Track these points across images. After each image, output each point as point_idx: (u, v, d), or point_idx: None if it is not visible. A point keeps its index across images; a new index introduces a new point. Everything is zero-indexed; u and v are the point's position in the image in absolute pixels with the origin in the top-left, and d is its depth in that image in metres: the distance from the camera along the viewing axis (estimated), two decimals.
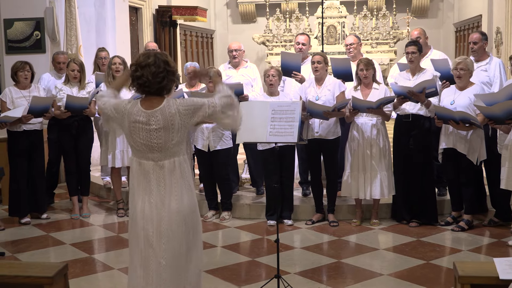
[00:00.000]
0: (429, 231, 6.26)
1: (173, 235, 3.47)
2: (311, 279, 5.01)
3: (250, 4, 16.51)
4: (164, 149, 3.48)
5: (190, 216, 3.55)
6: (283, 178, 6.46)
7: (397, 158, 6.54)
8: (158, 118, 3.42)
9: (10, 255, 5.78)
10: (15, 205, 6.85)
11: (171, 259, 3.47)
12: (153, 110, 3.44)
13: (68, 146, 7.06)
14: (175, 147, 3.50)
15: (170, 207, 3.48)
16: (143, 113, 3.45)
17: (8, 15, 8.92)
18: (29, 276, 2.41)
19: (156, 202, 3.48)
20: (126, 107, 3.51)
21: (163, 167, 3.49)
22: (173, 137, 3.46)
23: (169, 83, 3.52)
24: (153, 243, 3.47)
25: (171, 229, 3.47)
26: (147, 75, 3.44)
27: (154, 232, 3.47)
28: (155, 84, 3.46)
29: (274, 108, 5.12)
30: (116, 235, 6.46)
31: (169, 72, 3.49)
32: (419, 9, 15.83)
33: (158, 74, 3.45)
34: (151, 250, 3.47)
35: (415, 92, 6.06)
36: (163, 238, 3.46)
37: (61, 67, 7.54)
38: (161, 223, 3.47)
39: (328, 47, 13.69)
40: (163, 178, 3.49)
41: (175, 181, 3.51)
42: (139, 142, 3.48)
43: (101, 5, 9.69)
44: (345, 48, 7.59)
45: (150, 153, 3.49)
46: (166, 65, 3.48)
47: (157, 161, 3.49)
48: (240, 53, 7.53)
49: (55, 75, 7.58)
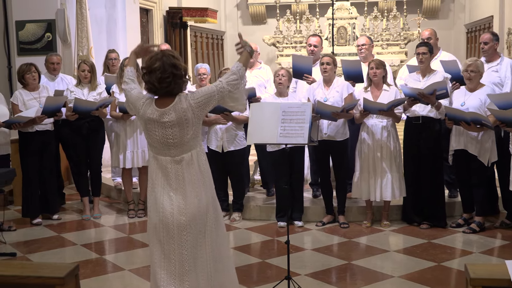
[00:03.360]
0: (440, 233, 6.23)
1: (194, 228, 3.52)
2: (321, 281, 5.00)
3: (260, 5, 16.52)
4: (180, 145, 3.54)
5: (211, 206, 3.62)
6: (293, 180, 6.45)
7: (407, 160, 6.51)
8: (172, 116, 3.48)
9: (21, 256, 5.81)
10: (27, 206, 6.88)
11: (193, 251, 3.51)
12: (166, 108, 3.49)
13: (80, 147, 7.08)
14: (191, 141, 3.56)
15: (190, 199, 3.53)
16: (157, 112, 3.51)
17: (20, 17, 8.97)
18: (41, 277, 2.42)
19: (176, 195, 3.54)
20: (142, 106, 3.57)
21: (181, 161, 3.55)
22: (188, 131, 3.52)
23: (177, 87, 3.54)
24: (174, 235, 3.52)
25: (192, 221, 3.52)
26: (153, 81, 3.48)
27: (175, 225, 3.52)
28: (162, 89, 3.50)
29: (284, 109, 5.11)
30: (127, 236, 6.48)
31: (176, 75, 3.50)
32: (430, 10, 15.77)
33: (165, 80, 3.47)
34: (173, 243, 3.51)
35: (425, 94, 6.03)
36: (184, 230, 3.51)
37: (54, 68, 7.53)
38: (181, 216, 3.52)
39: (338, 48, 13.68)
40: (182, 172, 3.55)
41: (194, 173, 3.57)
42: (156, 139, 3.55)
43: (112, 6, 9.73)
44: (356, 49, 7.58)
45: (167, 149, 3.55)
46: (173, 69, 3.49)
47: (174, 157, 3.55)
48: (255, 54, 7.52)
49: (48, 77, 7.57)
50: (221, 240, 3.71)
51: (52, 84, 7.45)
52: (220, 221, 3.73)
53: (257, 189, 7.71)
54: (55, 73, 7.56)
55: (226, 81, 3.61)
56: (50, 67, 7.53)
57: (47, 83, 7.44)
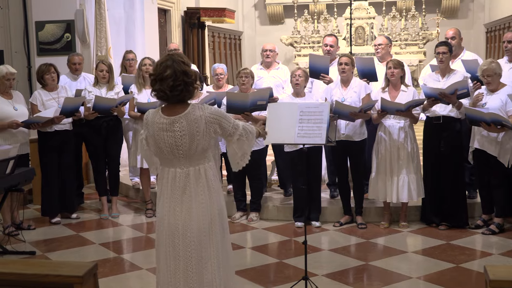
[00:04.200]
0: (459, 234, 6.19)
1: (200, 243, 3.46)
2: (339, 281, 4.99)
3: (278, 5, 16.52)
4: (189, 156, 3.45)
5: (217, 223, 3.53)
6: (310, 180, 6.44)
7: (427, 160, 6.47)
8: (183, 124, 3.39)
9: (41, 254, 5.86)
10: (46, 205, 6.94)
11: (198, 267, 3.45)
12: (177, 116, 3.40)
13: (98, 147, 7.13)
14: (201, 154, 3.47)
15: (197, 215, 3.46)
16: (166, 120, 3.41)
17: (40, 17, 9.05)
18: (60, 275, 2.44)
19: (182, 210, 3.46)
20: (147, 117, 3.51)
21: (189, 175, 3.47)
22: (198, 143, 3.42)
23: (188, 94, 3.44)
24: (179, 251, 3.46)
25: (198, 237, 3.45)
26: (164, 89, 3.37)
27: (181, 241, 3.46)
28: (174, 97, 3.40)
29: (302, 109, 5.10)
30: (144, 235, 6.51)
31: (187, 83, 3.40)
32: (449, 10, 15.66)
33: (176, 88, 3.37)
34: (178, 259, 3.46)
35: (447, 94, 5.99)
36: (189, 247, 3.45)
37: (76, 68, 7.57)
38: (187, 232, 3.45)
39: (356, 48, 13.64)
40: (189, 186, 3.47)
41: (201, 188, 3.48)
42: (165, 149, 3.46)
43: (130, 7, 9.78)
44: (373, 49, 7.55)
45: (176, 160, 3.47)
46: (185, 76, 3.38)
47: (183, 169, 3.47)
48: (273, 54, 7.53)
49: (71, 77, 7.63)
50: (227, 255, 3.63)
51: (75, 83, 7.50)
52: (227, 236, 3.63)
53: (274, 189, 7.70)
54: (78, 73, 7.61)
55: (243, 124, 3.56)
56: (72, 67, 7.58)
57: (69, 83, 7.50)
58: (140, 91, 7.00)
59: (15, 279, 2.47)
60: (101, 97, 6.85)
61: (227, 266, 3.60)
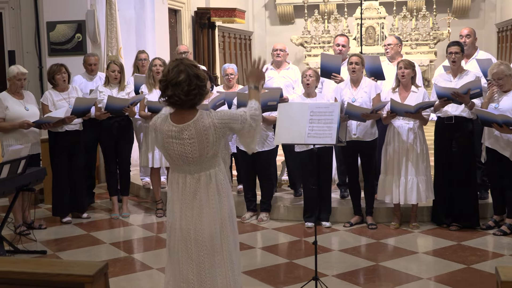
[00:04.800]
0: (470, 235, 6.16)
1: (212, 247, 3.45)
2: (349, 282, 4.98)
3: (288, 5, 16.52)
4: (199, 162, 3.43)
5: (228, 226, 3.53)
6: (321, 180, 6.43)
7: (439, 160, 6.45)
8: (192, 132, 3.35)
9: (52, 254, 5.89)
10: (57, 204, 6.98)
11: (211, 271, 3.45)
12: (186, 123, 3.36)
13: (109, 147, 7.16)
14: (211, 159, 3.46)
15: (208, 219, 3.45)
16: (175, 128, 3.38)
17: (51, 18, 9.09)
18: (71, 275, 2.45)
19: (193, 215, 3.45)
20: (156, 124, 3.46)
21: (199, 180, 3.45)
22: (208, 150, 3.40)
23: (201, 98, 3.42)
24: (192, 256, 3.45)
25: (210, 242, 3.45)
26: (179, 94, 3.32)
27: (193, 245, 3.45)
28: (188, 101, 3.35)
29: (312, 109, 5.09)
30: (155, 235, 6.52)
31: (200, 86, 3.37)
32: (460, 10, 15.59)
33: (191, 92, 3.33)
34: (191, 263, 3.45)
35: (460, 93, 5.96)
36: (202, 250, 3.44)
37: (92, 69, 7.60)
38: (199, 236, 3.44)
39: (366, 48, 13.61)
40: (199, 191, 3.45)
41: (211, 193, 3.47)
42: (174, 156, 3.44)
43: (141, 7, 9.81)
44: (383, 49, 7.53)
45: (186, 166, 3.45)
46: (198, 80, 3.34)
47: (193, 174, 3.45)
48: (284, 54, 7.51)
49: (87, 77, 7.66)
50: (237, 256, 3.63)
51: (90, 83, 7.51)
52: (236, 237, 3.63)
53: (284, 190, 7.70)
54: (93, 73, 7.63)
55: (250, 114, 3.48)
56: (88, 67, 7.61)
57: (85, 83, 7.54)
58: (151, 91, 7.02)
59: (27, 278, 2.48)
60: (114, 97, 6.86)
61: (234, 270, 3.60)
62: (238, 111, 3.51)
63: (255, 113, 3.50)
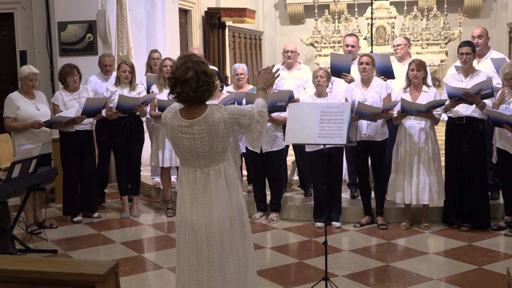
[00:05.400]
0: (481, 236, 6.13)
1: (222, 242, 3.46)
2: (359, 282, 4.97)
3: (298, 5, 16.50)
4: (209, 157, 3.45)
5: (238, 221, 3.54)
6: (331, 180, 6.41)
7: (449, 161, 6.42)
8: (202, 127, 3.37)
9: (62, 253, 5.92)
10: (68, 204, 7.01)
11: (220, 266, 3.46)
12: (196, 119, 3.39)
13: (120, 147, 7.18)
14: (220, 154, 3.48)
15: (218, 214, 3.46)
16: (184, 123, 3.40)
17: (62, 18, 9.13)
18: (82, 274, 2.46)
19: (204, 210, 3.47)
20: (166, 119, 3.49)
21: (209, 175, 3.47)
22: (218, 145, 3.43)
23: (210, 94, 3.44)
24: (202, 251, 3.46)
25: (220, 236, 3.46)
26: (187, 91, 3.34)
27: (203, 240, 3.46)
28: (197, 98, 3.38)
29: (323, 109, 5.09)
30: (165, 235, 6.54)
31: (209, 83, 3.39)
32: (472, 9, 15.51)
33: (199, 88, 3.35)
34: (201, 258, 3.46)
35: (471, 94, 5.93)
36: (212, 245, 3.45)
37: (107, 69, 7.61)
38: (209, 231, 3.46)
39: (377, 48, 13.58)
40: (209, 186, 3.47)
41: (221, 187, 3.48)
42: (184, 151, 3.47)
43: (152, 7, 9.84)
44: (392, 49, 7.50)
45: (196, 160, 3.47)
46: (206, 76, 3.37)
47: (203, 168, 3.47)
48: (295, 54, 7.48)
49: (102, 77, 7.67)
50: (249, 254, 3.63)
51: (106, 84, 7.51)
52: (247, 234, 3.64)
53: (294, 190, 7.69)
54: (109, 74, 7.64)
55: (257, 110, 3.51)
56: (104, 68, 7.61)
57: (100, 83, 7.55)
58: (161, 91, 7.03)
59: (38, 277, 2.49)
60: (125, 96, 6.88)
61: (247, 265, 3.60)
62: (246, 106, 3.54)
63: (262, 109, 3.55)
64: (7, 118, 6.48)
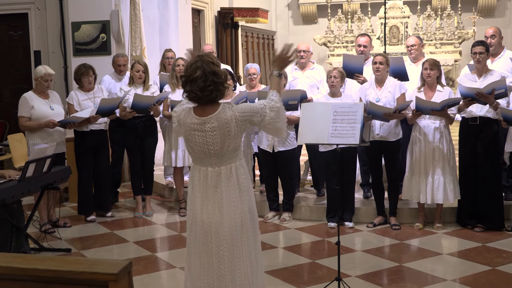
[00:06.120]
0: (495, 237, 6.09)
1: (232, 241, 3.48)
2: (372, 283, 4.95)
3: (311, 5, 16.48)
4: (221, 155, 3.48)
5: (249, 221, 3.54)
6: (344, 180, 6.40)
7: (463, 161, 6.38)
8: (214, 125, 3.42)
9: (76, 252, 5.95)
10: (82, 203, 7.04)
11: (231, 265, 3.47)
12: (208, 116, 3.44)
13: (134, 147, 7.20)
14: (232, 153, 3.51)
15: (228, 213, 3.48)
16: (197, 120, 3.45)
17: (76, 18, 9.18)
18: (95, 273, 2.46)
19: (214, 209, 3.49)
20: (179, 116, 3.54)
21: (220, 174, 3.50)
22: (230, 143, 3.46)
23: (219, 94, 3.48)
24: (212, 250, 3.48)
25: (230, 236, 3.48)
26: (195, 90, 3.42)
27: (213, 238, 3.48)
28: (204, 97, 3.44)
29: (336, 109, 5.08)
30: (178, 234, 6.56)
31: (217, 83, 3.43)
32: (486, 8, 15.41)
33: (206, 88, 3.40)
34: (211, 257, 3.48)
35: (484, 94, 5.89)
36: (222, 244, 3.47)
37: (121, 69, 7.63)
38: (219, 230, 3.47)
39: (390, 47, 13.54)
40: (220, 185, 3.49)
41: (232, 187, 3.50)
42: (196, 149, 3.50)
43: (165, 7, 9.86)
44: (406, 50, 7.46)
45: (207, 158, 3.50)
46: (214, 77, 3.42)
47: (214, 167, 3.50)
48: (308, 54, 7.46)
49: (116, 77, 7.69)
50: (258, 254, 3.64)
51: (119, 84, 7.53)
52: (258, 236, 3.65)
53: (307, 190, 7.68)
54: (122, 74, 7.67)
55: (269, 106, 3.50)
56: (117, 68, 7.63)
57: (114, 83, 7.57)
58: (174, 91, 7.05)
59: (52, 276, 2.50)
60: (140, 95, 6.90)
61: (257, 266, 3.61)
62: (258, 104, 3.55)
63: (274, 105, 3.51)
64: (22, 117, 6.52)
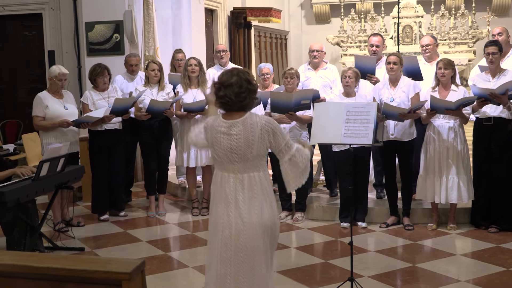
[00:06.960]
0: (509, 238, 6.04)
1: (251, 250, 3.50)
2: (385, 283, 4.94)
3: (324, 4, 16.43)
4: (244, 160, 3.53)
5: (269, 232, 3.57)
6: (357, 180, 6.38)
7: (477, 162, 6.34)
8: (239, 128, 3.52)
9: (89, 251, 5.98)
10: (96, 202, 7.07)
11: (248, 274, 3.50)
12: (235, 120, 3.55)
13: (149, 146, 7.22)
14: (255, 160, 3.56)
15: (249, 221, 3.51)
16: (224, 124, 3.56)
17: (90, 18, 9.22)
18: (108, 272, 2.47)
19: (235, 215, 3.53)
20: (208, 122, 3.65)
21: (243, 181, 3.55)
22: (253, 148, 3.52)
23: (251, 102, 3.61)
24: (231, 257, 3.51)
25: (249, 244, 3.50)
26: (230, 95, 3.53)
27: (232, 245, 3.51)
28: (237, 103, 3.55)
29: (349, 109, 5.07)
30: (190, 234, 6.57)
31: (251, 91, 3.58)
32: (500, 8, 15.29)
33: (241, 94, 3.53)
34: (230, 264, 3.51)
35: (497, 94, 5.85)
36: (240, 252, 3.50)
37: (133, 69, 7.64)
38: (239, 237, 3.51)
39: (404, 47, 13.47)
40: (242, 192, 3.54)
41: (255, 195, 3.55)
42: (220, 153, 3.56)
43: (178, 7, 9.88)
44: (420, 49, 7.42)
45: (231, 164, 3.56)
46: (248, 84, 3.56)
47: (236, 174, 3.55)
48: (321, 54, 7.44)
49: (128, 77, 7.71)
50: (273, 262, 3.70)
51: (131, 84, 7.55)
52: (275, 245, 3.69)
53: (320, 190, 7.67)
54: (134, 73, 7.69)
55: (298, 147, 3.63)
56: (129, 68, 7.65)
57: (126, 83, 7.59)
58: (186, 91, 7.05)
59: (65, 275, 2.52)
60: (156, 101, 6.91)
61: (272, 273, 3.66)
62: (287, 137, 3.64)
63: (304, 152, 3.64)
64: (36, 117, 6.56)
